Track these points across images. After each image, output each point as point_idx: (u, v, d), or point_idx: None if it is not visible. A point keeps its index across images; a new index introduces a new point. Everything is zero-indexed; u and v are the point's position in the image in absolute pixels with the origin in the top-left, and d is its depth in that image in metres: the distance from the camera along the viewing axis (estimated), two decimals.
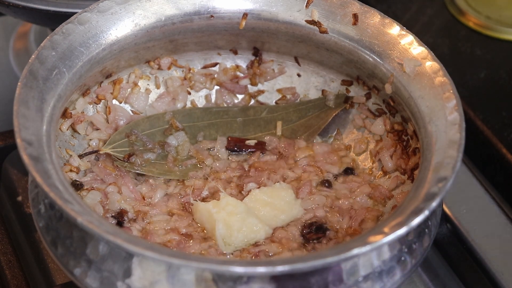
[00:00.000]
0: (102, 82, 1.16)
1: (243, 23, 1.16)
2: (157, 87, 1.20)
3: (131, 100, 1.18)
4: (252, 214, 1.06)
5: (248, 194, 1.10)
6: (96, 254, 0.93)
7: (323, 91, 1.21)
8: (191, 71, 1.21)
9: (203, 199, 1.10)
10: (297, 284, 0.91)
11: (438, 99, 1.03)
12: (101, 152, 1.13)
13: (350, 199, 1.10)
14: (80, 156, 1.11)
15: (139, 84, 1.19)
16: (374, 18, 1.13)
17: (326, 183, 1.12)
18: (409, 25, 1.14)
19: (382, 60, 1.11)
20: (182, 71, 1.21)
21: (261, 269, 0.86)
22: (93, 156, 1.13)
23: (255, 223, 1.05)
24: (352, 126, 1.19)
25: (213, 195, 1.11)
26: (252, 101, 1.22)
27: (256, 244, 1.05)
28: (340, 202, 1.10)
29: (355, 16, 1.13)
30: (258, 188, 1.11)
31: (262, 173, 1.13)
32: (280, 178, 1.13)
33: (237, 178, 1.13)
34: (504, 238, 1.21)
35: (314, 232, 1.05)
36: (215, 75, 1.22)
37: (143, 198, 1.10)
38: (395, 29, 1.11)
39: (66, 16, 1.10)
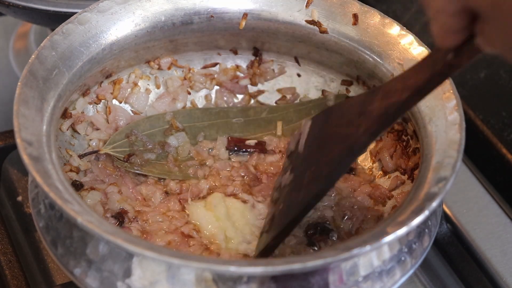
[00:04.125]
0: (102, 82, 1.16)
1: (243, 23, 1.16)
2: (157, 87, 1.20)
3: (131, 100, 1.18)
4: (251, 214, 1.06)
5: (253, 195, 1.10)
6: (96, 254, 0.93)
7: (323, 91, 1.21)
8: (191, 71, 1.21)
9: (202, 198, 1.10)
10: (297, 284, 0.91)
11: (438, 99, 1.03)
12: (101, 152, 1.13)
13: (350, 198, 1.10)
14: (80, 156, 1.11)
15: (139, 84, 1.19)
16: (374, 18, 1.13)
17: None
18: (409, 25, 1.14)
19: (382, 60, 1.11)
20: (182, 71, 1.21)
21: (261, 269, 0.86)
22: (93, 156, 1.13)
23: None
24: None
25: (213, 194, 1.11)
26: (252, 101, 1.22)
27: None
28: (342, 202, 1.10)
29: (355, 16, 1.13)
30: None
31: (274, 178, 1.12)
32: None
33: (241, 177, 1.13)
34: (504, 238, 1.21)
35: (319, 234, 1.05)
36: (215, 75, 1.22)
37: (143, 198, 1.10)
38: (395, 29, 1.11)
39: (66, 16, 1.10)
